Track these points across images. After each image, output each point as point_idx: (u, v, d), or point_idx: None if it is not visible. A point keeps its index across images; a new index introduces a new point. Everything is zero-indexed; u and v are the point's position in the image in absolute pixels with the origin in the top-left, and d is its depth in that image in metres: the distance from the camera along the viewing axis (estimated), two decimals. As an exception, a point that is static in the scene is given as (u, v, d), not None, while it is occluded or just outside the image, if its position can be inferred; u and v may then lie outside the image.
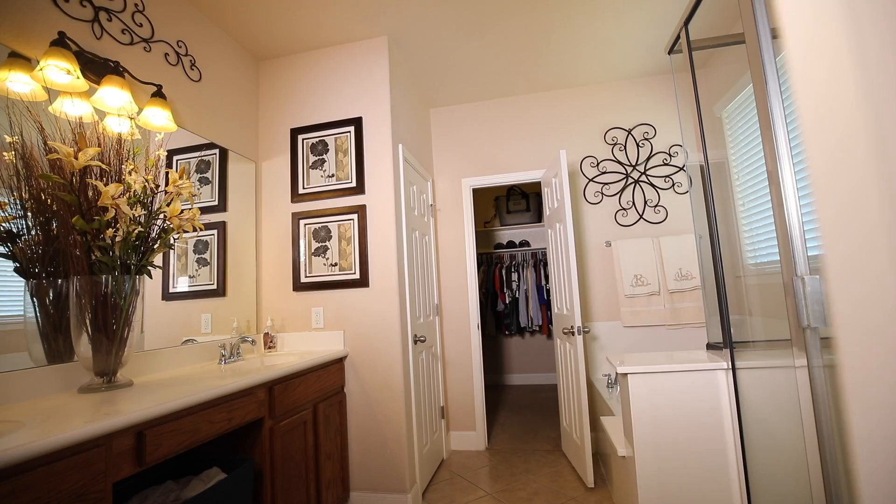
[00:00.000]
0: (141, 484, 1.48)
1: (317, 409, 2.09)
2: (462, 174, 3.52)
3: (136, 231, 1.50)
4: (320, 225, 2.52)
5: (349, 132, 2.54)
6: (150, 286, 1.93)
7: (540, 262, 5.24)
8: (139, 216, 1.52)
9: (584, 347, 2.61)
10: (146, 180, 1.57)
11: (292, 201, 2.57)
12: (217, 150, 2.41)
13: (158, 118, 1.84)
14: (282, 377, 1.84)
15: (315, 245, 2.52)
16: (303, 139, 2.60)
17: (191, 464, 1.63)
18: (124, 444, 1.15)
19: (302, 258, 2.52)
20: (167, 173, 1.68)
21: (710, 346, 1.36)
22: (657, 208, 3.18)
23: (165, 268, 2.04)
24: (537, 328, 5.22)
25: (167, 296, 2.07)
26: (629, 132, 3.26)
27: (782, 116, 0.86)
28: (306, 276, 2.51)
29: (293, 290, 2.52)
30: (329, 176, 2.54)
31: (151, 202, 1.59)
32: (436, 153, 3.59)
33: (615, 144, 3.28)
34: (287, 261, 2.56)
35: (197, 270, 2.26)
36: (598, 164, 3.29)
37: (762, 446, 1.18)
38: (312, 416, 2.06)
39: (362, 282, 2.43)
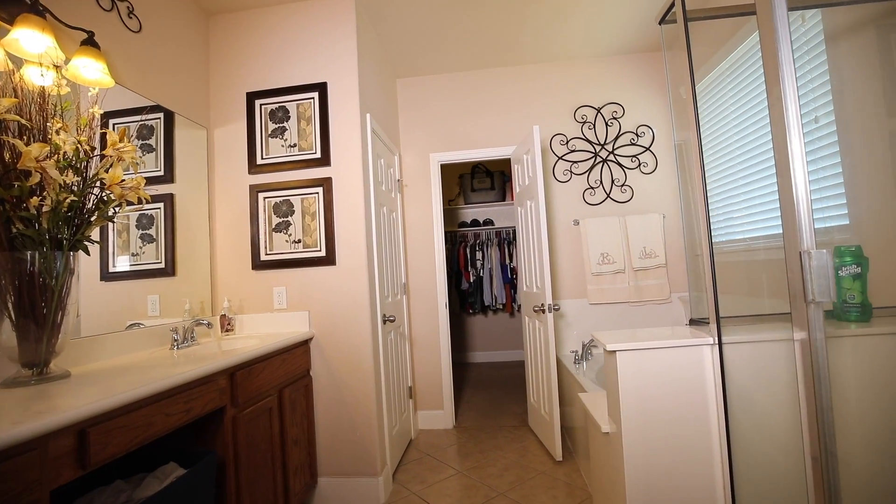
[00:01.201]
0: (84, 485, 1.32)
1: (282, 394, 1.97)
2: (430, 149, 3.39)
3: (68, 200, 1.29)
4: (282, 199, 2.33)
5: (313, 98, 2.34)
6: (86, 265, 1.70)
7: (504, 240, 5.25)
8: (71, 183, 1.31)
9: (552, 325, 2.63)
10: (78, 142, 1.35)
11: (250, 172, 2.36)
12: (161, 114, 2.15)
13: (90, 70, 1.59)
14: (244, 362, 1.70)
15: (276, 220, 2.33)
16: (261, 105, 2.38)
17: (144, 460, 1.47)
18: (63, 446, 1.00)
19: (262, 234, 2.34)
20: (104, 135, 1.46)
21: (692, 322, 1.37)
22: (623, 188, 3.22)
23: (103, 245, 1.81)
24: (501, 306, 5.26)
25: (107, 276, 1.85)
26: (599, 111, 3.26)
27: (792, 75, 0.83)
28: (267, 254, 2.33)
29: (252, 268, 2.34)
30: (291, 146, 2.34)
31: (86, 167, 1.38)
32: (402, 126, 3.43)
33: (585, 123, 3.27)
34: (245, 237, 2.36)
35: (141, 248, 2.04)
36: (567, 143, 3.27)
37: (744, 418, 1.20)
38: (278, 402, 1.93)
39: (328, 259, 2.29)
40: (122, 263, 1.92)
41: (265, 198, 2.34)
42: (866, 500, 1.12)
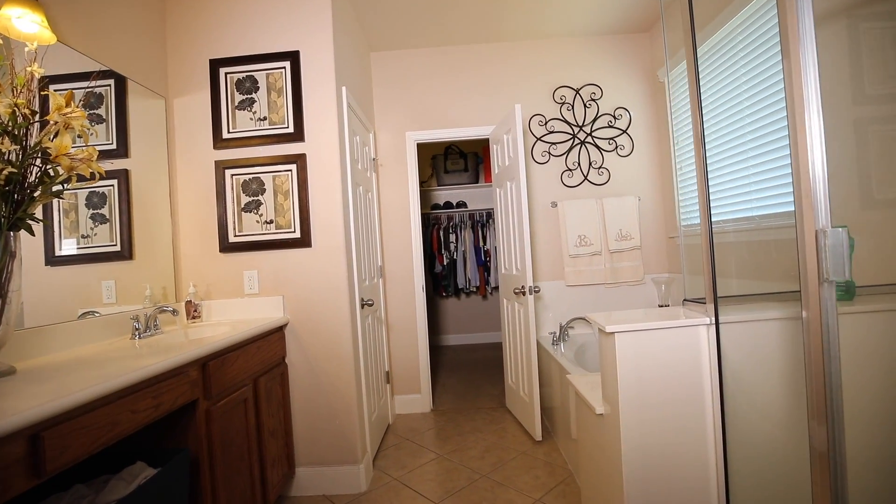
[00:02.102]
0: (38, 493, 1.19)
1: (257, 383, 1.86)
2: (406, 127, 3.27)
3: (5, 172, 1.12)
4: (251, 176, 2.17)
5: (284, 69, 2.17)
6: (28, 248, 1.51)
7: (478, 223, 5.21)
8: (8, 152, 1.14)
9: (533, 306, 2.62)
10: (15, 104, 1.17)
11: (215, 147, 2.18)
12: (112, 81, 1.94)
13: (26, 23, 1.38)
14: (217, 351, 1.58)
15: (245, 199, 2.17)
16: (226, 73, 2.18)
17: (108, 460, 1.34)
18: (13, 454, 0.87)
19: (230, 214, 2.17)
20: (46, 98, 1.28)
21: (687, 302, 1.37)
22: (601, 170, 3.23)
23: (48, 225, 1.62)
24: (475, 289, 5.25)
25: (53, 260, 1.67)
26: (577, 91, 3.23)
27: (813, 42, 0.80)
28: (236, 236, 2.18)
29: (220, 251, 2.18)
30: (260, 119, 2.17)
31: (26, 134, 1.20)
32: (377, 103, 3.28)
33: (563, 104, 3.23)
34: (211, 217, 2.19)
35: (93, 229, 1.85)
36: (546, 123, 3.23)
37: (738, 396, 1.21)
38: (253, 392, 1.82)
39: (304, 241, 2.16)
40: (70, 246, 1.73)
41: (233, 175, 2.17)
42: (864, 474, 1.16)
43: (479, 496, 2.08)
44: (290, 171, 2.16)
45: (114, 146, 1.96)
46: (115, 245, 1.93)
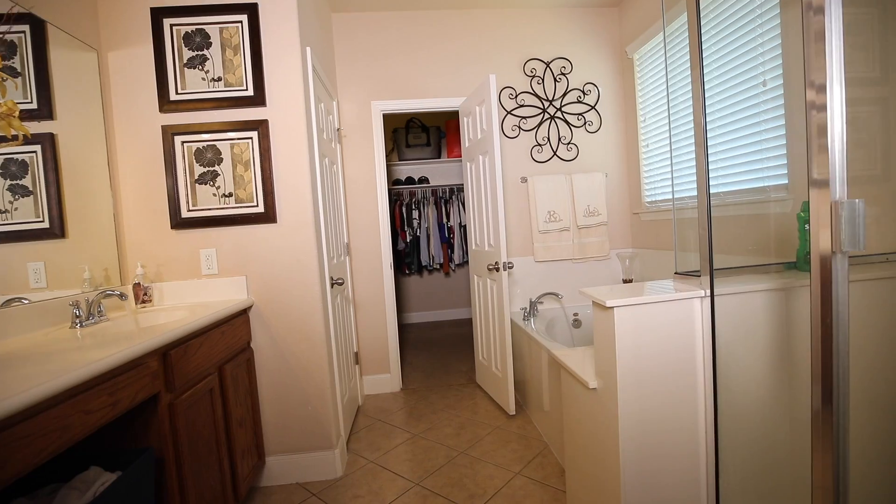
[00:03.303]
0: (-29, 510, 1.01)
1: (223, 371, 1.71)
2: (371, 96, 3.08)
3: None
4: (206, 144, 1.95)
5: (240, 23, 1.94)
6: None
7: (441, 199, 5.12)
8: None
9: (507, 282, 2.60)
10: None
11: (162, 110, 1.93)
12: (27, 27, 1.64)
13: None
14: (179, 339, 1.41)
15: (199, 170, 1.95)
16: (172, 25, 1.91)
17: (56, 466, 1.17)
18: (-59, 472, 0.71)
19: (182, 187, 1.95)
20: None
21: (678, 275, 1.38)
22: (570, 146, 3.22)
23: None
24: (438, 266, 5.20)
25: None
26: (548, 65, 3.17)
27: (839, 5, 0.78)
28: (190, 210, 1.96)
29: (172, 227, 1.96)
30: (215, 80, 1.94)
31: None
32: (340, 69, 3.06)
33: (534, 77, 3.17)
34: (160, 190, 1.95)
35: (12, 202, 1.59)
36: (516, 97, 3.16)
37: (728, 366, 1.24)
38: (219, 381, 1.67)
39: (268, 216, 1.99)
40: (-17, 222, 1.48)
41: (184, 142, 1.93)
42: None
43: (460, 473, 2.07)
44: (251, 139, 1.95)
45: (34, 105, 1.68)
46: (43, 221, 1.67)
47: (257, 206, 1.98)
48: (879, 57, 1.68)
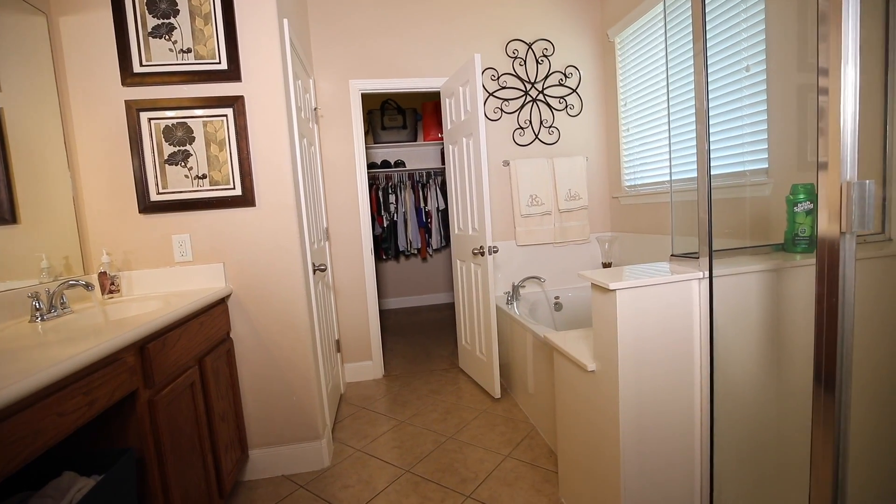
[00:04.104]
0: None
1: (203, 364, 1.61)
2: (349, 74, 2.95)
3: None
4: (176, 121, 1.80)
5: (210, -12, 1.78)
6: None
7: (418, 183, 5.03)
8: None
9: (492, 267, 2.59)
10: None
11: (125, 84, 1.76)
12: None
13: None
14: (157, 331, 1.32)
15: (169, 149, 1.81)
16: (132, -13, 1.74)
17: (26, 472, 1.08)
18: None
19: (150, 168, 1.80)
20: None
21: (675, 257, 1.38)
22: (551, 129, 3.21)
23: None
24: (416, 251, 5.14)
25: None
26: (530, 46, 3.12)
27: None
28: (160, 193, 1.82)
29: (140, 211, 1.82)
30: (184, 51, 1.79)
31: None
32: (316, 45, 2.91)
33: (516, 58, 3.11)
34: (125, 171, 1.80)
35: (-48, 183, 1.43)
36: (498, 78, 3.10)
37: (723, 345, 1.26)
38: (200, 374, 1.58)
39: (246, 199, 1.88)
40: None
41: (151, 119, 1.78)
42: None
43: (450, 458, 2.06)
44: (226, 116, 1.82)
45: (-27, 74, 1.50)
46: (-10, 204, 1.51)
47: (234, 188, 1.86)
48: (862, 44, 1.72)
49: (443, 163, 5.18)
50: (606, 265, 3.24)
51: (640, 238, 2.99)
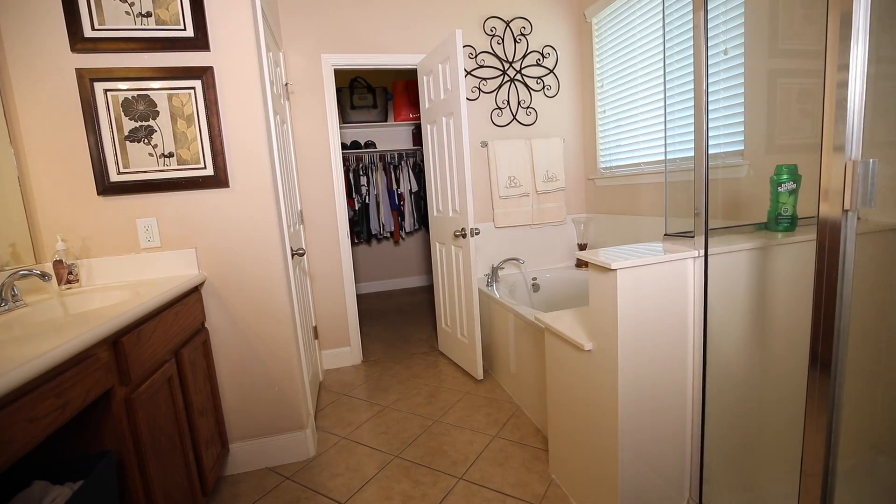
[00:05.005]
0: None
1: (180, 357, 1.51)
2: (321, 48, 2.80)
3: None
4: (136, 93, 1.64)
5: (170, -56, 1.61)
6: None
7: (390, 164, 4.91)
8: None
9: (474, 249, 2.56)
10: None
11: (74, 50, 1.57)
12: None
13: None
14: (131, 323, 1.21)
15: (130, 125, 1.65)
16: (78, -61, 1.54)
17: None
18: None
19: (108, 145, 1.64)
20: None
21: (668, 236, 1.40)
22: (529, 110, 3.18)
23: None
24: (388, 235, 5.05)
25: None
26: (508, 24, 3.06)
27: None
28: (120, 173, 1.66)
29: (98, 193, 1.65)
30: (143, 15, 1.61)
31: None
32: (285, 16, 2.72)
33: (494, 36, 3.05)
34: (80, 148, 1.63)
35: None
36: (476, 56, 3.03)
37: (715, 325, 1.30)
38: (177, 367, 1.48)
39: (219, 180, 1.75)
40: None
41: (107, 91, 1.61)
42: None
43: (438, 441, 2.06)
44: (193, 89, 1.68)
45: None
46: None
47: (205, 168, 1.73)
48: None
49: (415, 144, 5.07)
50: (582, 246, 3.30)
51: (614, 219, 3.04)
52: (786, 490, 1.40)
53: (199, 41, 1.66)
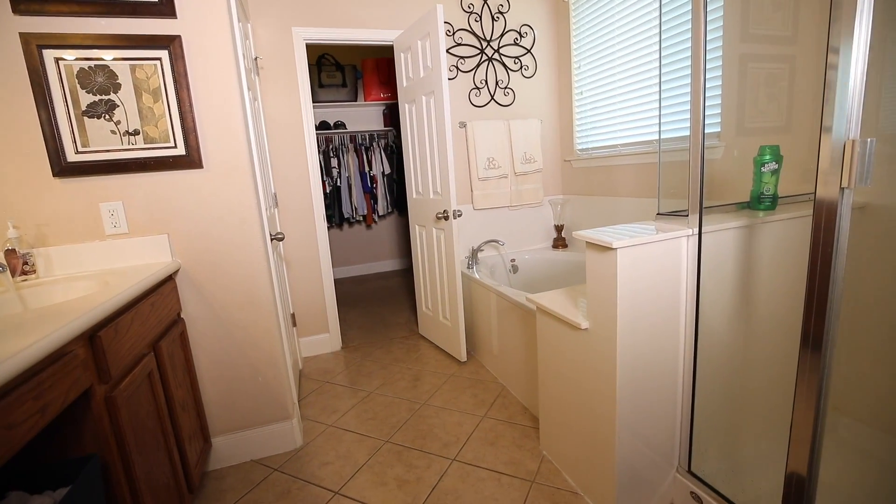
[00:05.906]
0: None
1: (159, 350, 1.41)
2: (291, 21, 2.64)
3: None
4: (94, 63, 1.48)
5: None
6: None
7: (361, 146, 4.77)
8: None
9: (457, 231, 2.54)
10: None
11: (16, 12, 1.40)
12: None
13: None
14: (107, 317, 1.11)
15: (88, 98, 1.49)
16: None
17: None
18: None
19: (63, 121, 1.48)
20: None
21: (661, 216, 1.42)
22: (506, 90, 3.15)
23: None
24: (361, 218, 4.94)
25: None
26: (486, 1, 2.99)
27: None
28: (79, 152, 1.51)
29: (54, 175, 1.50)
30: (97, -27, 1.45)
31: None
32: (249, -19, 2.54)
33: (472, 13, 2.97)
34: (30, 124, 1.46)
35: None
36: (454, 34, 2.95)
37: (708, 299, 1.34)
38: (156, 361, 1.39)
39: (191, 160, 1.62)
40: None
41: (59, 60, 1.44)
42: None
43: (427, 424, 2.05)
44: (159, 60, 1.53)
45: None
46: None
47: (175, 146, 1.60)
48: (792, 18, 1.85)
49: (386, 125, 4.94)
50: (559, 227, 3.34)
51: (590, 200, 3.09)
52: (767, 453, 1.49)
53: (164, 6, 1.51)
